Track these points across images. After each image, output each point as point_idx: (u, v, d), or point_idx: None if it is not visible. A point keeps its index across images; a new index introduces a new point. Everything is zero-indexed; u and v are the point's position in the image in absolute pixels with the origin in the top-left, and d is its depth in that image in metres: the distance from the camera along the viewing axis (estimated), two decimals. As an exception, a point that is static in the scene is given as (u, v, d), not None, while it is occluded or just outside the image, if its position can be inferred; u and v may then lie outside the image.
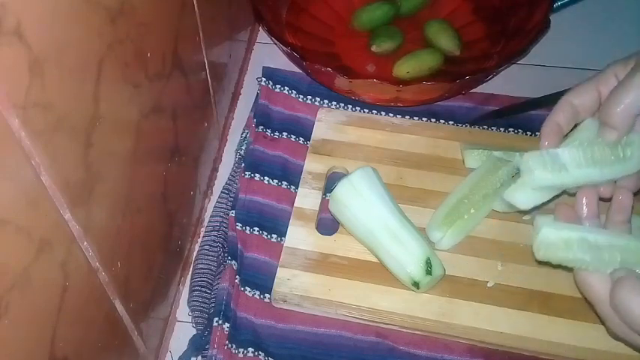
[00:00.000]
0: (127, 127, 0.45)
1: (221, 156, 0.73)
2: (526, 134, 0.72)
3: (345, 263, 0.61)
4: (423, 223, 0.63)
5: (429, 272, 0.57)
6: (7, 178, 0.31)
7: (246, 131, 0.72)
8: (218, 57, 0.68)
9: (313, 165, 0.68)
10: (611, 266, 0.48)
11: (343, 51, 0.80)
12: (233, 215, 0.65)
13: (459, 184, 0.63)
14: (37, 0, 0.31)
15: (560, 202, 0.53)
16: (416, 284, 0.57)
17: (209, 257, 0.64)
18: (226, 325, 0.59)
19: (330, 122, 0.71)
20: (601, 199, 0.53)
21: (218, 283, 0.62)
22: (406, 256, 0.57)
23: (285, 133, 0.72)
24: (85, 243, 0.39)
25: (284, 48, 0.70)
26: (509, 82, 0.75)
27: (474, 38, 0.80)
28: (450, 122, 0.73)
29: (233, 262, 0.62)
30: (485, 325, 0.58)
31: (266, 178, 0.68)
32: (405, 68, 0.74)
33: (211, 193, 0.70)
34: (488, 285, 0.60)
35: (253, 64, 0.81)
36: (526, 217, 0.63)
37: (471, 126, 0.72)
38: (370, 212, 0.59)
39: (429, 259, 0.57)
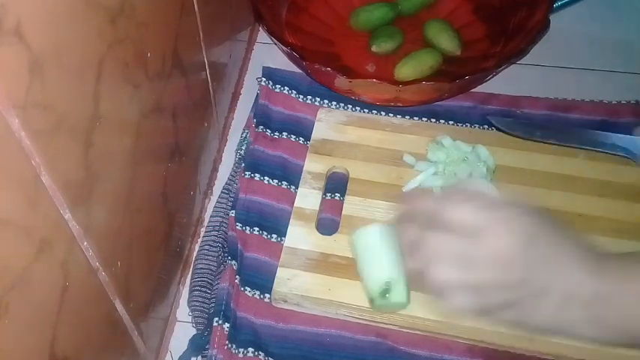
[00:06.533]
0: (127, 127, 0.45)
1: (221, 156, 0.73)
2: (526, 134, 0.72)
3: (345, 263, 0.61)
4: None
5: (384, 295, 0.56)
6: (7, 178, 0.31)
7: (246, 131, 0.72)
8: (218, 57, 0.68)
9: (313, 165, 0.68)
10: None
11: (343, 51, 0.80)
12: (233, 215, 0.65)
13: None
14: (37, 0, 0.31)
15: None
16: (371, 301, 0.57)
17: (209, 257, 0.64)
18: (226, 325, 0.59)
19: (330, 122, 0.71)
20: None
21: (218, 283, 0.62)
22: (373, 272, 0.57)
23: (285, 133, 0.72)
24: (85, 243, 0.39)
25: (284, 48, 0.70)
26: (509, 82, 0.75)
27: (474, 38, 0.80)
28: (450, 122, 0.73)
29: (233, 262, 0.62)
30: (485, 325, 0.58)
31: (266, 178, 0.68)
32: (405, 70, 0.74)
33: (211, 193, 0.70)
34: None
35: (253, 64, 0.81)
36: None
37: (471, 126, 0.72)
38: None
39: (389, 282, 0.56)
